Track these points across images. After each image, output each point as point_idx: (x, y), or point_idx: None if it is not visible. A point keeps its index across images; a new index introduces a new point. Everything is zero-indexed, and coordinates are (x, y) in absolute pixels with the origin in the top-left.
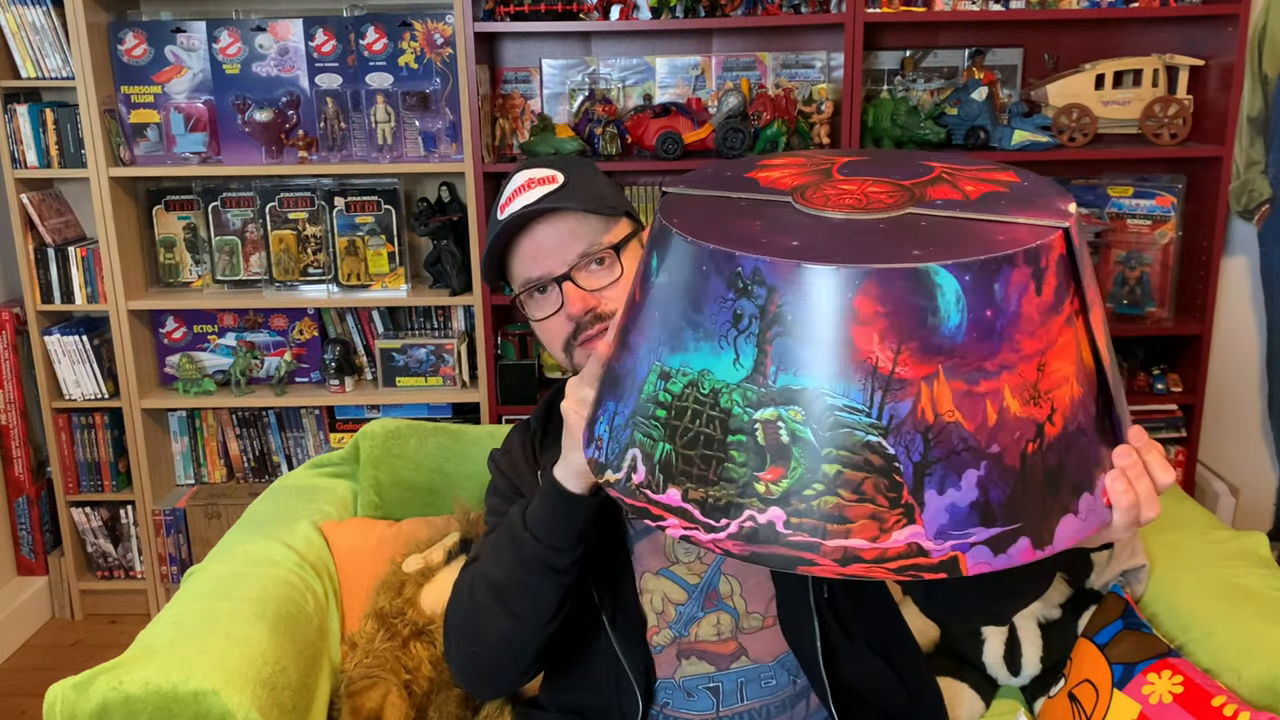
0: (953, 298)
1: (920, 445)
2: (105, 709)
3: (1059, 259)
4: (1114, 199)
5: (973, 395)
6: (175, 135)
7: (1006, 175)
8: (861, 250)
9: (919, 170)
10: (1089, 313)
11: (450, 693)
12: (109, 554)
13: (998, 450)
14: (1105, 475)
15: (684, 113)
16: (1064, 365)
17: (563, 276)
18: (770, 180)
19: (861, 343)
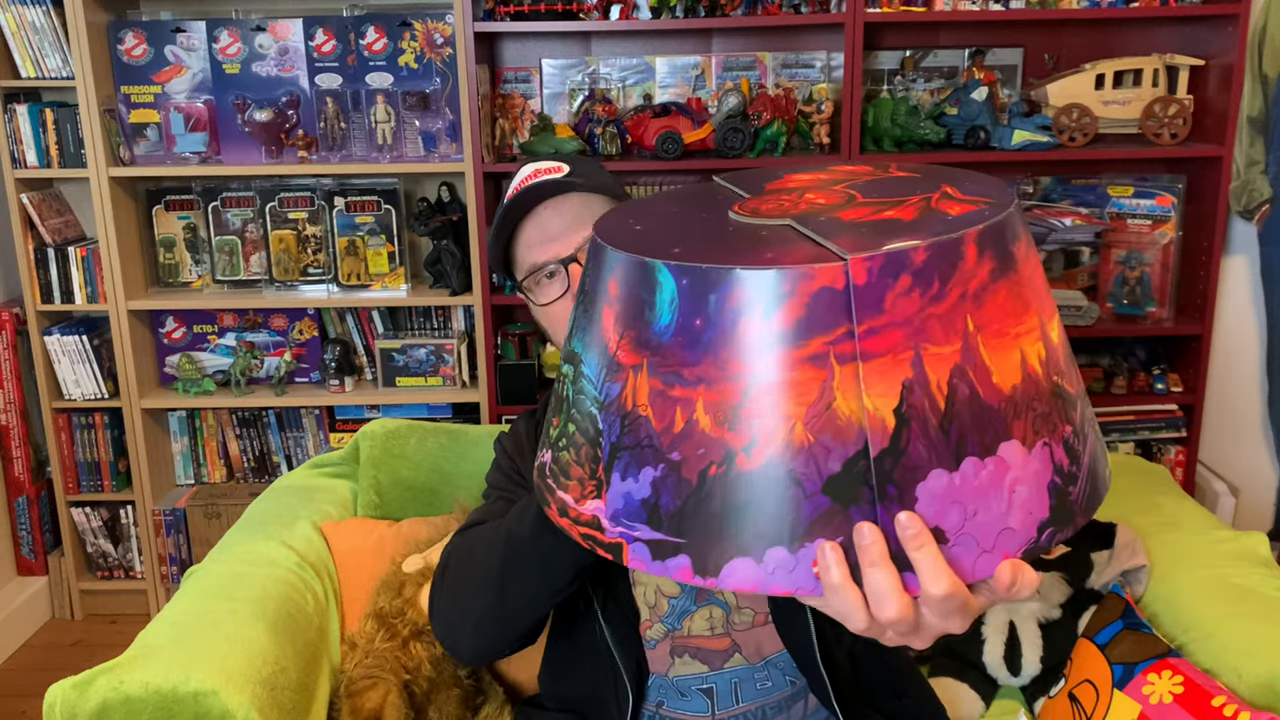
0: (668, 298)
1: (618, 429)
2: (105, 709)
3: (820, 292)
4: (1114, 199)
5: (666, 397)
6: (175, 135)
7: (964, 207)
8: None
9: (913, 191)
10: (866, 361)
11: (450, 693)
12: (109, 554)
13: (678, 458)
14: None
15: (684, 113)
16: (789, 403)
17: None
18: (786, 182)
19: (606, 322)
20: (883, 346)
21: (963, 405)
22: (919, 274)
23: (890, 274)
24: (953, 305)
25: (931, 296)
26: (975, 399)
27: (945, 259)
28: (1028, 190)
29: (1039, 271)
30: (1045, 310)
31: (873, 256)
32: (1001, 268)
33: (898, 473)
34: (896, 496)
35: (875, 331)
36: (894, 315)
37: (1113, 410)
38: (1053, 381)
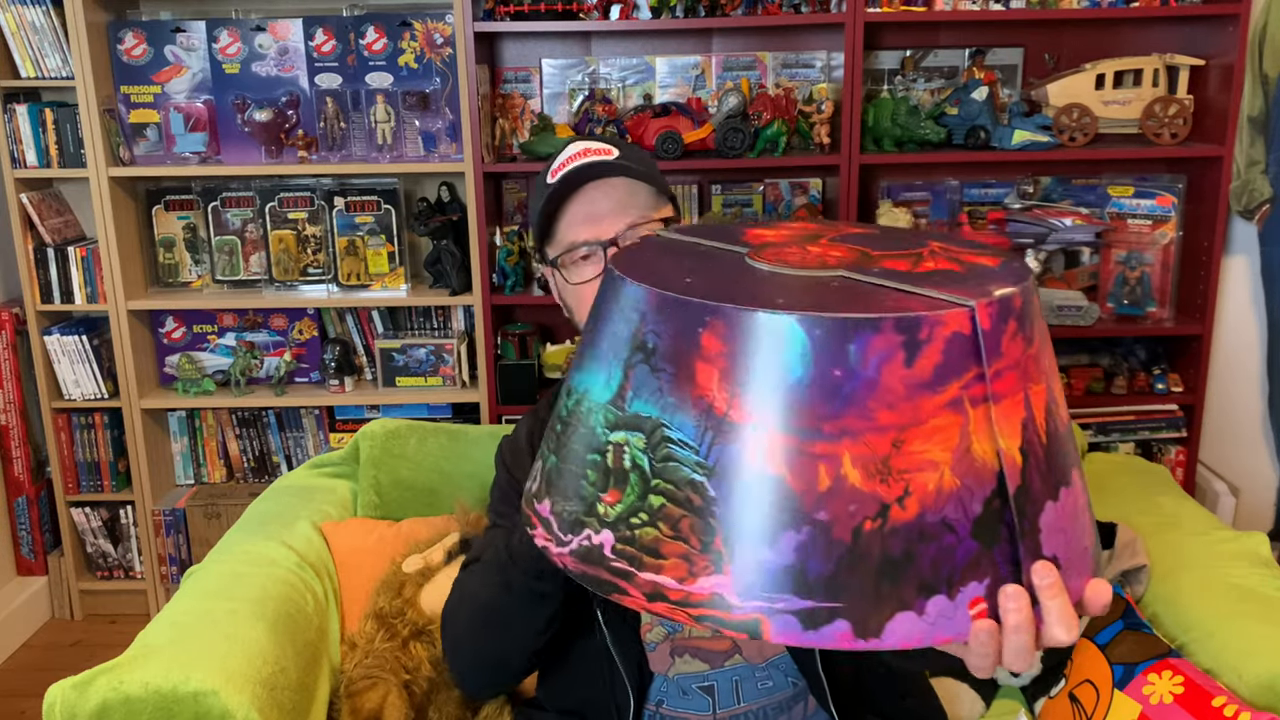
0: (798, 351)
1: (740, 495)
2: (105, 709)
3: (953, 338)
4: (1114, 199)
5: (804, 454)
6: (175, 135)
7: (986, 259)
8: (742, 294)
9: (911, 244)
10: (996, 404)
11: (450, 693)
12: (109, 554)
13: (826, 518)
14: (978, 585)
15: (684, 112)
16: (935, 449)
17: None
18: (758, 236)
19: (702, 379)
20: (1006, 388)
21: (1053, 438)
22: (1020, 318)
23: (1003, 318)
24: (1038, 346)
25: (1025, 339)
26: (1058, 431)
27: (1029, 304)
28: (1028, 190)
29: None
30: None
31: (992, 302)
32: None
33: (1028, 507)
34: (1029, 531)
35: (999, 374)
36: (1009, 358)
37: (1113, 410)
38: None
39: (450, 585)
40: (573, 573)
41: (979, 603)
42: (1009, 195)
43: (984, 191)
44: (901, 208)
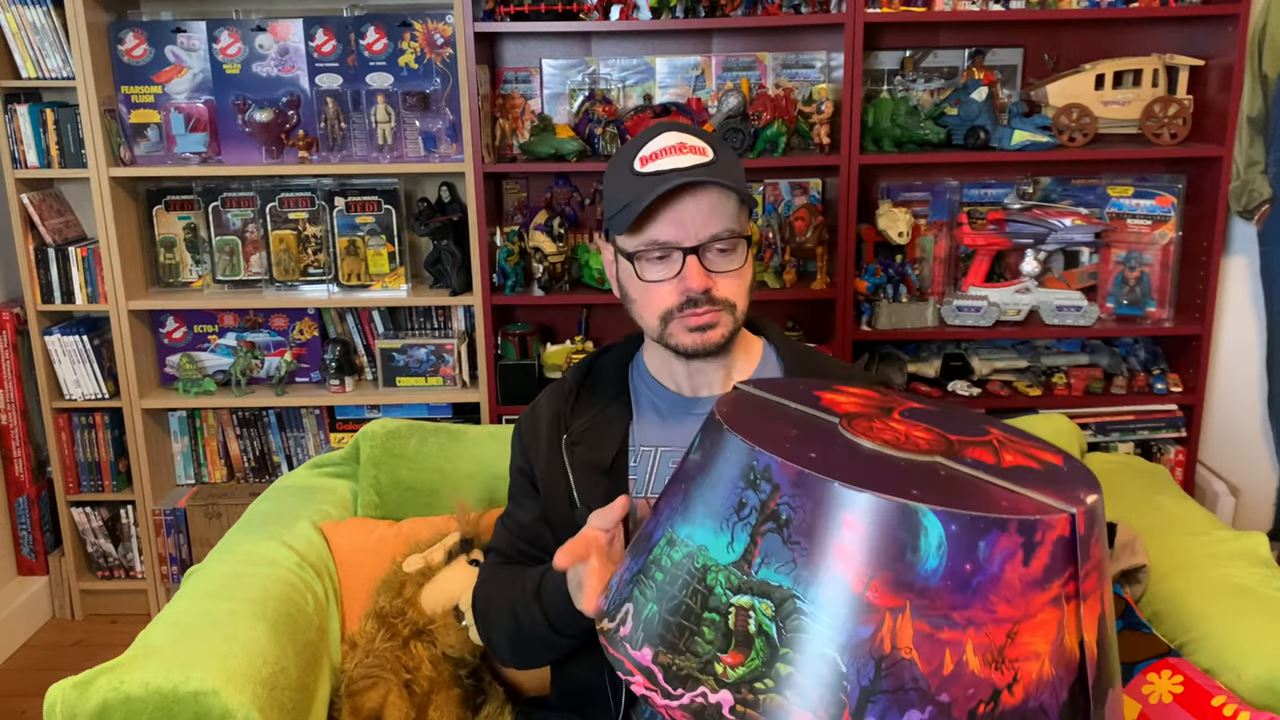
0: (935, 542)
1: (871, 671)
2: (105, 709)
3: (1058, 540)
4: (1114, 199)
5: (934, 640)
6: (175, 135)
7: (1052, 457)
8: (871, 478)
9: (975, 429)
10: (1083, 601)
11: (450, 692)
12: (109, 554)
13: (947, 700)
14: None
15: (684, 113)
16: (1039, 641)
17: (693, 249)
18: (832, 402)
19: (841, 558)
20: (1091, 587)
21: (1111, 632)
22: (1098, 522)
23: (1091, 524)
24: (1103, 550)
25: (1101, 542)
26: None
27: (1103, 509)
28: (1028, 190)
29: None
30: None
31: (1088, 510)
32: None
33: (1098, 694)
34: (1100, 716)
35: (1087, 574)
36: (1094, 559)
37: (1113, 410)
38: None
39: (451, 585)
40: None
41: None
42: (1009, 195)
43: (984, 192)
44: (901, 208)
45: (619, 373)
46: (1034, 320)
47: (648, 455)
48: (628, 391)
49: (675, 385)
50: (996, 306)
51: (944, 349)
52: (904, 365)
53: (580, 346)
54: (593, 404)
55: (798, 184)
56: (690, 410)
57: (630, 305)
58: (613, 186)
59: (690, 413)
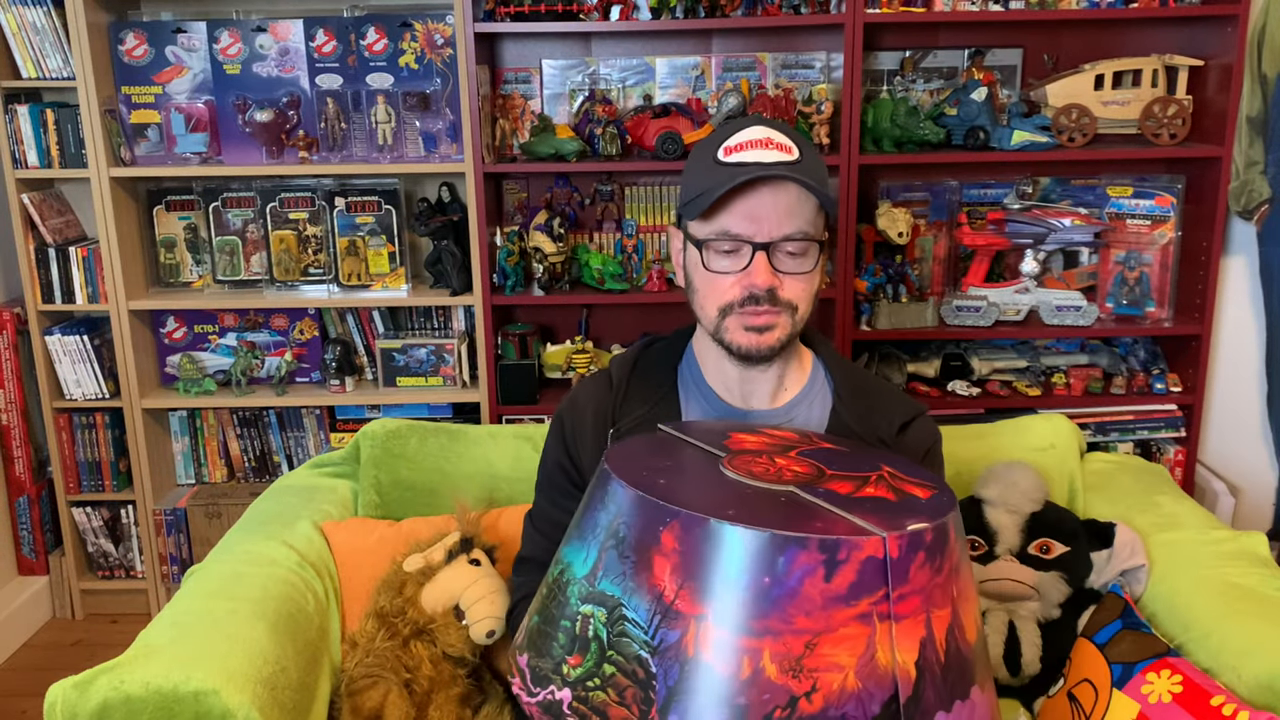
0: (738, 556)
1: (676, 674)
2: (106, 708)
3: (867, 560)
4: (1113, 199)
5: (732, 646)
6: (176, 135)
7: (920, 491)
8: (705, 502)
9: (864, 467)
10: (897, 622)
11: (450, 692)
12: (110, 554)
13: (743, 703)
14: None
15: (684, 113)
16: (841, 654)
17: (763, 245)
18: (739, 442)
19: (658, 570)
20: (908, 610)
21: (953, 657)
22: (929, 550)
23: (912, 549)
24: (947, 576)
25: (934, 569)
26: (959, 652)
27: (941, 538)
28: (1027, 190)
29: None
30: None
31: (902, 535)
32: (963, 546)
33: (917, 716)
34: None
35: (904, 597)
36: (915, 583)
37: (1112, 410)
38: (983, 635)
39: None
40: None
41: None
42: (1008, 195)
43: (983, 192)
44: (901, 208)
45: (667, 373)
46: (1034, 320)
47: None
48: (676, 392)
49: (727, 391)
50: (996, 306)
51: (944, 349)
52: (904, 365)
53: (580, 346)
54: (641, 403)
55: None
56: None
57: (692, 295)
58: (692, 172)
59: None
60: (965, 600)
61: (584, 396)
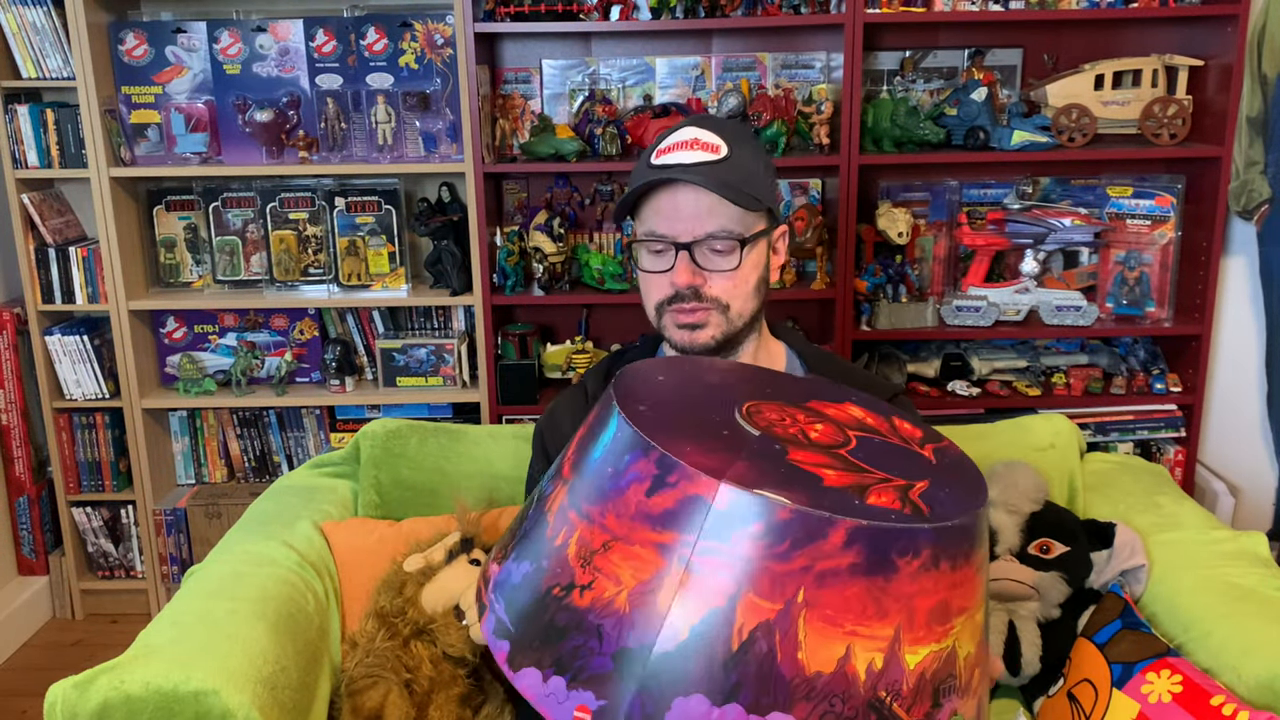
0: (608, 439)
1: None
2: (106, 708)
3: (694, 499)
4: (1113, 199)
5: (564, 515)
6: (176, 135)
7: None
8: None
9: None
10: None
11: (450, 692)
12: (110, 554)
13: (545, 566)
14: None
15: (684, 113)
16: (625, 570)
17: (684, 245)
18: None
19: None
20: (710, 569)
21: (754, 658)
22: (773, 528)
23: (750, 515)
24: (792, 571)
25: (775, 553)
26: (769, 660)
27: (805, 530)
28: (1027, 190)
29: (935, 598)
30: (913, 633)
31: (740, 493)
32: (868, 568)
33: (665, 676)
34: (655, 696)
35: (711, 553)
36: (733, 550)
37: (1112, 410)
38: (876, 695)
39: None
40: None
41: (585, 711)
42: (1008, 196)
43: (983, 192)
44: (901, 208)
45: None
46: (1033, 320)
47: None
48: None
49: None
50: (996, 306)
51: (943, 349)
52: (903, 365)
53: (580, 346)
54: None
55: (797, 184)
56: None
57: (641, 294)
58: (633, 175)
59: None
60: (830, 622)
61: (561, 410)
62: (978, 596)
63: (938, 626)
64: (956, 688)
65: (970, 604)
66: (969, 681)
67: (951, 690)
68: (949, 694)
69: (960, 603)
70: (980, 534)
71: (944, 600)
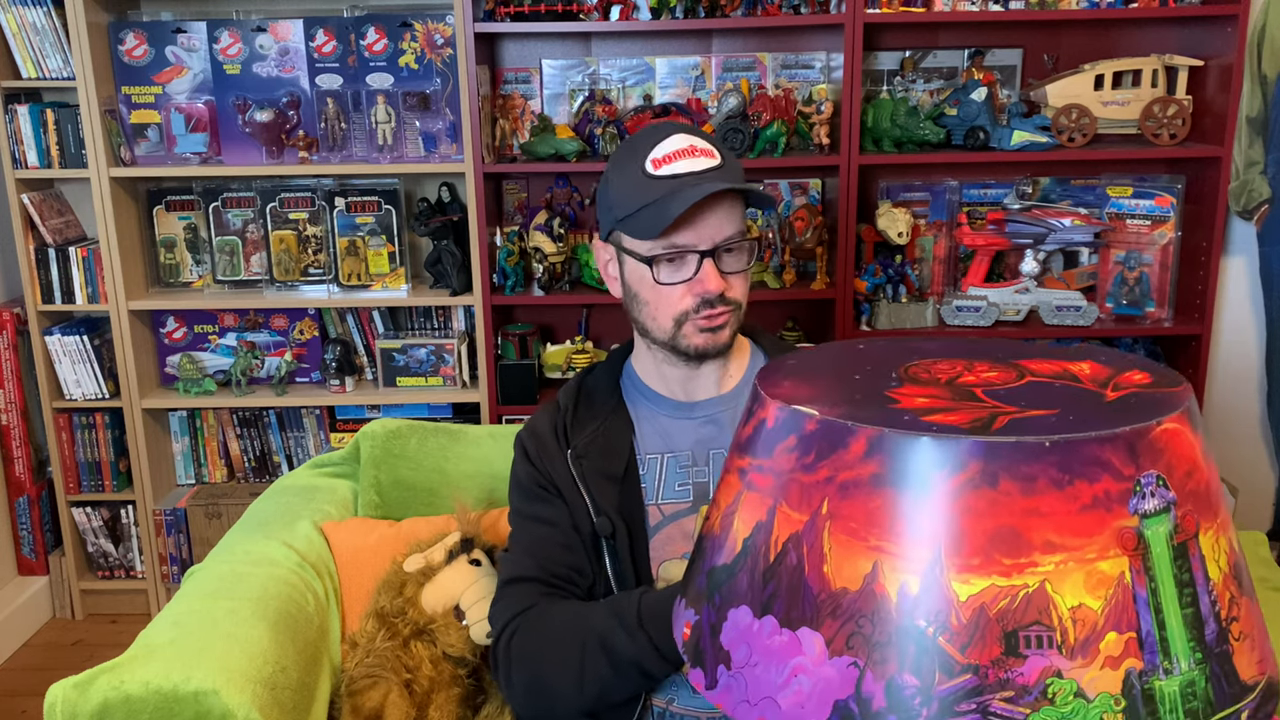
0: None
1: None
2: (106, 708)
3: (760, 423)
4: (1113, 199)
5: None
6: (176, 135)
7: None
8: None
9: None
10: (748, 492)
11: (450, 692)
12: (109, 554)
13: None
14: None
15: (684, 113)
16: (725, 497)
17: (708, 252)
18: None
19: None
20: (760, 484)
21: (785, 569)
22: (803, 440)
23: (787, 429)
24: (817, 482)
25: (803, 464)
26: (798, 572)
27: (828, 439)
28: (1027, 190)
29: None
30: (962, 559)
31: (782, 409)
32: (893, 479)
33: (724, 589)
34: (719, 607)
35: (760, 469)
36: (776, 464)
37: None
38: (914, 622)
39: (451, 584)
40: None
41: (688, 626)
42: (1008, 196)
43: (983, 192)
44: (901, 208)
45: (612, 388)
46: (1033, 320)
47: (654, 463)
48: (624, 406)
49: (670, 392)
50: (996, 306)
51: None
52: None
53: (580, 346)
54: (591, 419)
55: (797, 184)
56: (690, 414)
57: (640, 308)
58: (624, 188)
59: (690, 417)
60: (853, 535)
61: (539, 423)
62: (1093, 537)
63: (1003, 558)
64: (1056, 643)
65: (1074, 542)
66: (1086, 642)
67: (1046, 643)
68: (1039, 646)
69: (1047, 535)
70: (1102, 465)
71: (1011, 527)
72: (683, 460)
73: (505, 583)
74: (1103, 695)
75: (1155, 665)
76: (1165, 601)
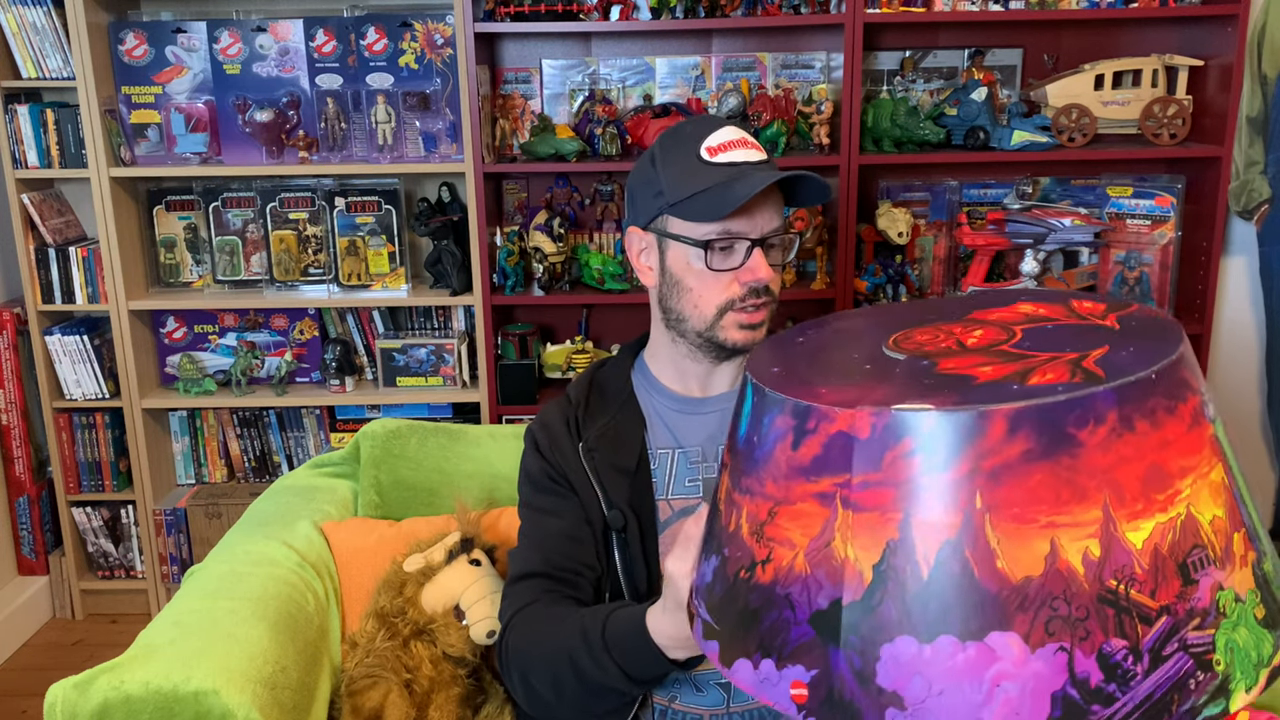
0: (747, 410)
1: (711, 514)
2: (106, 708)
3: (838, 435)
4: (1113, 199)
5: (730, 499)
6: (176, 135)
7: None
8: (792, 363)
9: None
10: (856, 511)
11: (450, 692)
12: (110, 554)
13: (727, 555)
14: (804, 670)
15: (684, 113)
16: (795, 531)
17: (759, 241)
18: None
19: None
20: (872, 502)
21: (949, 581)
22: (923, 439)
23: (894, 435)
24: (959, 478)
25: (934, 465)
26: (966, 579)
27: (958, 431)
28: (1027, 190)
29: (1142, 464)
30: (1127, 507)
31: (879, 413)
32: (1045, 451)
33: (864, 627)
34: (861, 650)
35: (869, 485)
36: (890, 474)
37: None
38: (1105, 586)
39: (451, 584)
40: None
41: (799, 686)
42: (1008, 196)
43: (983, 192)
44: (901, 208)
45: (622, 384)
46: None
47: (665, 458)
48: (635, 400)
49: (685, 389)
50: None
51: None
52: None
53: (580, 346)
54: (603, 413)
55: None
56: (700, 409)
57: (681, 295)
58: (677, 173)
59: (700, 412)
60: (1022, 520)
61: (550, 416)
62: (1203, 451)
63: (1157, 495)
64: (1212, 559)
65: (1195, 461)
66: (1227, 549)
67: (1206, 563)
68: (1203, 567)
69: (1179, 462)
70: (1183, 383)
71: (1155, 463)
72: (693, 456)
73: (512, 580)
74: (1250, 593)
75: (1262, 552)
76: (1244, 493)
